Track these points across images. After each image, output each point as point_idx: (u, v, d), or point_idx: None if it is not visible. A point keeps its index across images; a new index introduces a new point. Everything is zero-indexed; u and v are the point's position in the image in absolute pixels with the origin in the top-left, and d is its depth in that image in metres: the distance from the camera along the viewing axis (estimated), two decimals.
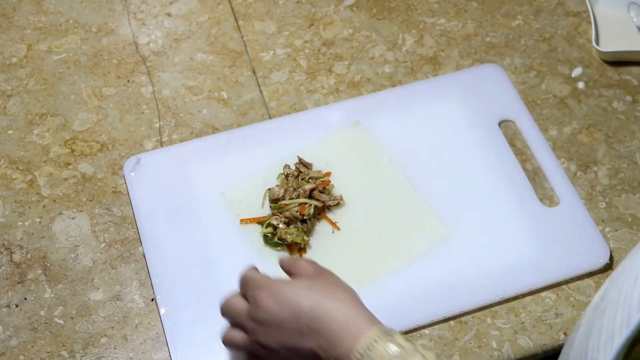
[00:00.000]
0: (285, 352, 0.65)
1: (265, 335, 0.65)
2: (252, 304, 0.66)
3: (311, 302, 0.63)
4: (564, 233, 0.83)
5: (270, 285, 0.66)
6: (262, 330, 0.65)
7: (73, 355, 0.76)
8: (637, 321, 0.49)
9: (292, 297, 0.64)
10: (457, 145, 0.89)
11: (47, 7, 1.01)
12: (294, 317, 0.63)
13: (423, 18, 1.01)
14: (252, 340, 0.66)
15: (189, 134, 0.90)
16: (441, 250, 0.81)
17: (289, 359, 0.65)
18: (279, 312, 0.64)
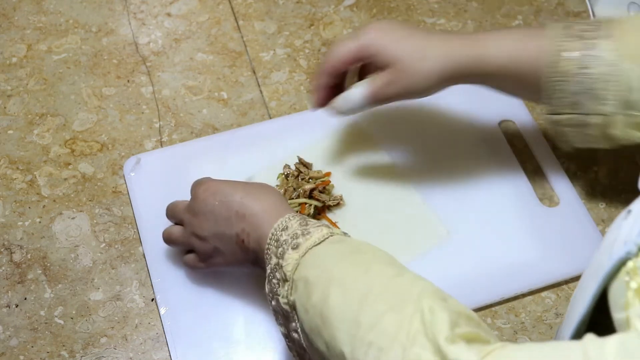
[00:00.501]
0: (214, 239, 0.71)
1: (198, 225, 0.72)
2: (192, 198, 0.73)
3: (242, 193, 0.70)
4: (564, 233, 0.83)
5: (210, 181, 0.73)
6: (196, 220, 0.72)
7: (73, 355, 0.76)
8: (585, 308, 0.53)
9: (227, 190, 0.71)
10: (457, 145, 0.89)
11: (47, 7, 1.01)
12: (225, 206, 0.70)
13: (423, 18, 1.01)
14: (187, 232, 0.74)
15: (189, 134, 0.90)
16: (441, 250, 0.81)
17: (217, 247, 0.72)
18: (212, 202, 0.71)
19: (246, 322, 0.77)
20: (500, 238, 0.82)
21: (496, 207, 0.85)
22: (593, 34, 0.70)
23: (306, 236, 0.64)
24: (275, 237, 0.66)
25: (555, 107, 0.72)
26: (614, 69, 0.68)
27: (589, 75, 0.69)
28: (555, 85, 0.71)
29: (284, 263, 0.63)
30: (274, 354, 0.75)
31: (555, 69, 0.70)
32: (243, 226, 0.69)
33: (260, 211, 0.68)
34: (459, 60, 0.72)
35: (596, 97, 0.70)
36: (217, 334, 0.76)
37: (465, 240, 0.82)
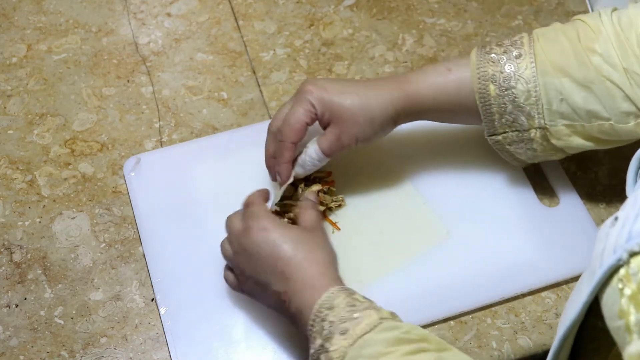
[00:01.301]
0: (255, 283, 0.71)
1: (244, 261, 0.72)
2: (244, 230, 0.72)
3: (291, 253, 0.69)
4: (564, 233, 0.83)
5: (265, 221, 0.71)
6: (243, 256, 0.71)
7: (73, 355, 0.76)
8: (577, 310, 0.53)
9: (278, 242, 0.70)
10: (457, 146, 0.89)
11: (47, 7, 1.01)
12: (273, 260, 0.69)
13: (423, 18, 1.01)
14: (233, 259, 0.73)
15: (189, 134, 0.90)
16: (441, 250, 0.81)
17: (255, 289, 0.72)
18: (263, 249, 0.70)
19: (246, 322, 0.77)
20: (500, 238, 0.82)
21: (496, 207, 0.85)
22: (514, 54, 0.75)
23: (355, 321, 0.63)
24: (320, 317, 0.65)
25: (495, 128, 0.77)
26: (533, 85, 0.73)
27: (515, 94, 0.74)
28: (488, 109, 0.76)
29: (330, 348, 0.63)
30: (274, 354, 0.75)
31: (484, 93, 0.75)
32: (286, 289, 0.68)
33: (305, 279, 0.68)
34: (396, 104, 0.76)
35: (527, 112, 0.75)
36: (217, 334, 0.76)
37: (465, 240, 0.82)
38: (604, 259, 0.52)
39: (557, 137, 0.76)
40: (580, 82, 0.73)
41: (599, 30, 0.73)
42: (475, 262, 0.80)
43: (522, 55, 0.75)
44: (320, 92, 0.75)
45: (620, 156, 0.89)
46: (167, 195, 0.85)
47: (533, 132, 0.76)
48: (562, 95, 0.74)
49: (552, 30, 0.76)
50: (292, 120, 0.75)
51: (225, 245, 0.75)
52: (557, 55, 0.74)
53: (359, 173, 0.86)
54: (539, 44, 0.75)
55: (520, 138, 0.77)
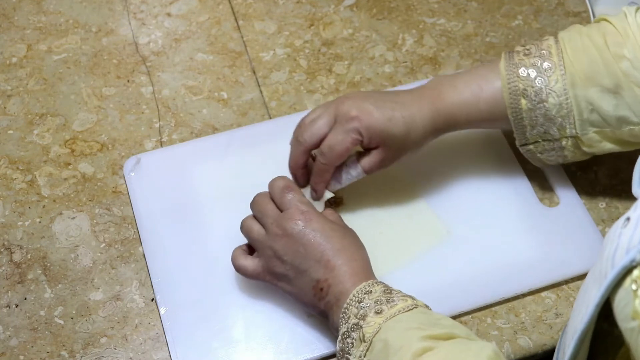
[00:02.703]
0: (293, 269, 0.71)
1: (283, 246, 0.72)
2: (286, 215, 0.73)
3: (340, 245, 0.71)
4: (564, 233, 0.83)
5: (312, 211, 0.73)
6: (283, 240, 0.72)
7: (73, 355, 0.76)
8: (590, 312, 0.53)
9: (327, 233, 0.71)
10: (457, 145, 0.89)
11: (47, 7, 1.01)
12: (320, 249, 0.70)
13: (423, 18, 1.01)
14: (268, 242, 0.73)
15: (189, 134, 0.90)
16: (441, 250, 0.81)
17: (290, 276, 0.72)
18: (309, 237, 0.71)
19: (246, 322, 0.77)
20: (500, 238, 0.82)
21: (496, 207, 0.85)
22: (544, 66, 0.75)
23: (391, 303, 0.66)
24: (357, 298, 0.67)
25: (527, 139, 0.79)
26: (564, 98, 0.74)
27: (547, 107, 0.75)
28: (520, 122, 0.77)
29: (364, 325, 0.65)
30: (274, 354, 0.75)
31: (516, 107, 0.76)
32: (328, 277, 0.70)
33: (349, 270, 0.70)
34: (434, 122, 0.78)
35: (559, 124, 0.76)
36: (217, 334, 0.76)
37: (465, 240, 0.82)
38: (616, 260, 0.51)
39: (589, 145, 0.77)
40: (610, 89, 0.73)
41: (626, 34, 0.73)
42: (475, 262, 0.80)
43: (551, 67, 0.75)
44: (367, 120, 0.75)
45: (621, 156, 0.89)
46: (167, 195, 0.85)
47: (565, 141, 0.78)
48: (592, 105, 0.74)
49: (578, 35, 0.76)
50: (339, 148, 0.75)
51: (254, 226, 0.75)
52: (586, 65, 0.74)
53: None
54: (567, 54, 0.75)
55: (552, 147, 0.79)
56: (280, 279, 0.73)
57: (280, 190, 0.75)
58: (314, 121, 0.77)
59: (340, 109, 0.76)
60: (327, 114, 0.76)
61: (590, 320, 0.54)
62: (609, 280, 0.51)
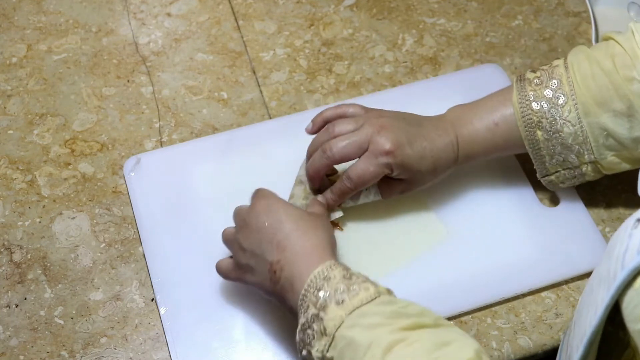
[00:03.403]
0: (252, 257, 0.71)
1: (244, 235, 0.72)
2: (249, 207, 0.73)
3: (292, 226, 0.69)
4: (564, 233, 0.83)
5: (271, 198, 0.73)
6: (245, 230, 0.72)
7: (73, 355, 0.76)
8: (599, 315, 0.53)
9: (281, 215, 0.70)
10: None
11: (47, 7, 1.01)
12: (272, 231, 0.70)
13: (423, 18, 1.01)
14: (235, 236, 0.73)
15: (189, 134, 0.90)
16: (441, 250, 0.81)
17: (251, 265, 0.71)
18: (264, 220, 0.70)
19: (246, 322, 0.77)
20: (500, 238, 0.82)
21: (496, 207, 0.85)
22: (558, 100, 0.76)
23: (351, 292, 0.63)
24: (315, 284, 0.65)
25: (547, 169, 0.79)
26: (578, 127, 0.75)
27: (563, 137, 0.76)
28: (538, 152, 0.78)
29: (325, 317, 0.63)
30: (274, 354, 0.75)
31: (532, 139, 0.77)
32: (280, 258, 0.68)
33: (301, 250, 0.68)
34: (456, 159, 0.79)
35: (576, 151, 0.77)
36: (217, 334, 0.76)
37: (466, 240, 0.82)
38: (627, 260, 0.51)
39: (609, 168, 0.78)
40: (622, 112, 0.74)
41: (635, 54, 0.73)
42: (475, 262, 0.80)
43: (563, 98, 0.76)
44: (401, 157, 0.75)
45: None
46: (167, 195, 0.85)
47: (585, 167, 0.78)
48: (606, 131, 0.75)
49: (586, 62, 0.76)
50: (368, 178, 0.76)
51: (228, 229, 0.76)
52: (596, 92, 0.74)
53: None
54: (577, 83, 0.75)
55: (573, 175, 0.79)
56: (246, 270, 0.72)
57: (254, 192, 0.75)
58: (345, 140, 0.76)
59: (375, 139, 0.75)
60: (360, 137, 0.76)
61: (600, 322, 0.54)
62: (619, 281, 0.51)
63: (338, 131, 0.77)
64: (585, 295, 0.60)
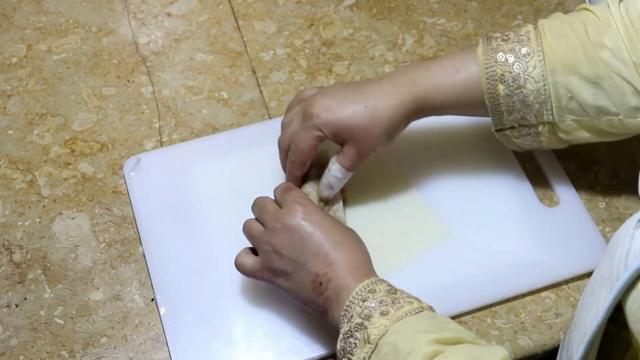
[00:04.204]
0: (291, 264, 0.70)
1: (281, 239, 0.71)
2: (285, 209, 0.72)
3: (340, 239, 0.70)
4: (564, 233, 0.83)
5: (311, 205, 0.72)
6: (281, 234, 0.71)
7: (73, 355, 0.76)
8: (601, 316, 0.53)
9: (327, 227, 0.70)
10: (457, 145, 0.89)
11: (47, 7, 1.01)
12: (319, 242, 0.69)
13: (423, 18, 1.01)
14: (266, 237, 0.72)
15: (189, 134, 0.90)
16: (441, 250, 0.81)
17: (289, 272, 0.70)
18: (308, 231, 0.70)
19: (246, 322, 0.77)
20: (500, 238, 0.82)
21: (496, 207, 0.85)
22: (523, 51, 0.74)
23: (397, 305, 0.65)
24: (361, 296, 0.66)
25: (503, 124, 0.78)
26: (542, 84, 0.73)
27: (524, 93, 0.74)
28: (497, 107, 0.76)
29: (369, 325, 0.64)
30: (274, 354, 0.75)
31: (493, 93, 0.75)
32: (327, 270, 0.68)
33: (348, 264, 0.68)
34: (406, 107, 0.76)
35: (536, 110, 0.75)
36: (217, 334, 0.76)
37: (465, 240, 0.82)
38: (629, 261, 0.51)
39: (565, 132, 0.76)
40: (589, 78, 0.72)
41: (608, 23, 0.72)
42: (475, 262, 0.80)
43: (530, 53, 0.74)
44: (327, 115, 0.75)
45: (620, 156, 0.89)
46: (167, 195, 0.85)
47: (541, 127, 0.77)
48: (571, 93, 0.73)
49: (558, 22, 0.75)
50: (302, 145, 0.76)
51: (254, 225, 0.74)
52: (565, 51, 0.73)
53: (358, 173, 0.86)
54: (546, 40, 0.74)
55: (528, 132, 0.78)
56: (279, 274, 0.72)
57: (282, 189, 0.75)
58: (287, 124, 0.79)
59: (304, 110, 0.76)
60: (297, 113, 0.78)
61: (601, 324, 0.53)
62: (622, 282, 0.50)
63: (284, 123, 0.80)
64: (586, 296, 0.60)
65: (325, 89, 0.79)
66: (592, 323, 0.54)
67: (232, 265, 0.79)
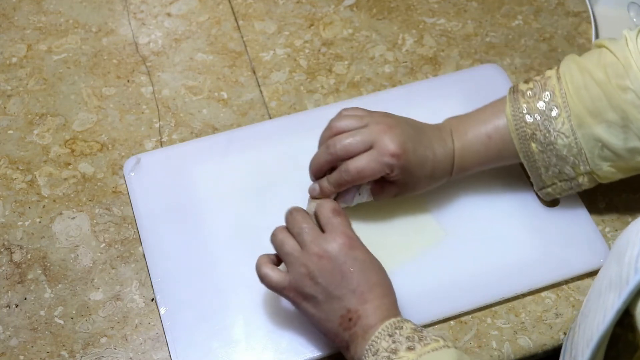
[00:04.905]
0: (324, 292, 0.69)
1: (320, 267, 0.69)
2: (330, 236, 0.70)
3: (376, 280, 0.70)
4: (564, 233, 0.83)
5: (357, 240, 0.71)
6: (322, 261, 0.69)
7: (73, 355, 0.76)
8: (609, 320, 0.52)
9: (367, 265, 0.70)
10: None
11: (47, 7, 1.01)
12: (358, 279, 0.69)
13: (423, 18, 1.01)
14: (303, 259, 0.70)
15: (189, 134, 0.90)
16: (441, 250, 0.81)
17: (316, 297, 0.69)
18: (349, 264, 0.69)
19: (246, 322, 0.77)
20: (499, 238, 0.82)
21: (495, 207, 0.85)
22: (551, 113, 0.75)
23: (423, 342, 0.65)
24: (387, 332, 0.66)
25: (544, 181, 0.79)
26: (572, 138, 0.75)
27: (557, 149, 0.76)
28: (534, 164, 0.78)
29: (395, 359, 0.64)
30: (274, 354, 0.75)
31: (527, 152, 0.77)
32: (359, 308, 0.68)
33: (381, 306, 0.69)
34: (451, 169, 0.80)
35: (572, 162, 0.76)
36: (217, 334, 0.76)
37: (465, 240, 0.82)
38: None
39: (605, 177, 0.78)
40: (617, 123, 0.73)
41: (628, 63, 0.72)
42: (475, 262, 0.80)
43: (556, 109, 0.75)
44: (405, 160, 0.75)
45: None
46: (167, 195, 0.85)
47: (581, 178, 0.78)
48: (601, 142, 0.75)
49: (578, 73, 0.75)
50: (367, 174, 0.76)
51: (289, 240, 0.72)
52: (590, 103, 0.74)
53: None
54: (570, 93, 0.75)
55: (570, 186, 0.79)
56: (307, 299, 0.70)
57: (329, 211, 0.73)
58: (350, 136, 0.76)
59: (380, 138, 0.75)
60: (365, 136, 0.76)
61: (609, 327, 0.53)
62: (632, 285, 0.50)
63: (340, 127, 0.78)
64: (592, 299, 0.59)
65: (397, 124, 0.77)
66: (599, 327, 0.54)
67: (232, 265, 0.79)
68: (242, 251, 0.81)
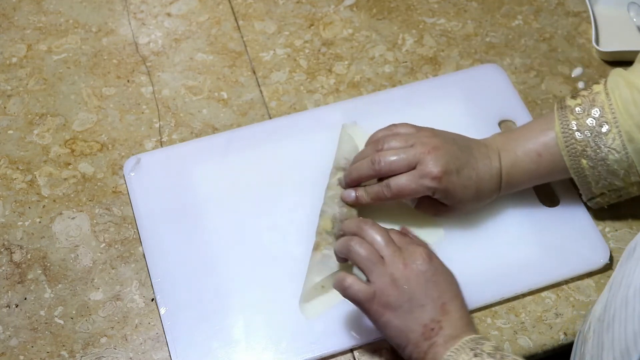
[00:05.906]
0: (407, 300, 0.69)
1: (406, 275, 0.70)
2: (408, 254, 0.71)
3: (456, 293, 0.71)
4: (564, 233, 0.83)
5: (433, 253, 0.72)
6: (405, 270, 0.70)
7: (73, 355, 0.76)
8: None
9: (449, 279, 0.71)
10: None
11: (47, 7, 1.01)
12: (440, 289, 0.70)
13: (423, 18, 1.01)
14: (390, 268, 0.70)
15: (189, 134, 0.90)
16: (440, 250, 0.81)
17: (401, 305, 0.69)
18: (431, 274, 0.70)
19: (246, 322, 0.77)
20: (499, 238, 0.82)
21: (495, 207, 0.84)
22: (602, 129, 0.76)
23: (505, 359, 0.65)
24: (469, 346, 0.66)
25: (593, 193, 0.80)
26: (623, 153, 0.75)
27: (607, 164, 0.76)
28: (584, 179, 0.78)
29: None
30: (274, 354, 0.75)
31: (577, 168, 0.77)
32: (441, 319, 0.69)
33: (462, 317, 0.70)
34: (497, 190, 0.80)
35: (622, 174, 0.77)
36: (217, 334, 0.76)
37: (465, 240, 0.82)
38: None
39: None
40: None
41: None
42: (475, 262, 0.80)
43: (606, 125, 0.76)
44: (446, 184, 0.76)
45: None
46: (167, 195, 0.85)
47: (631, 188, 0.79)
48: None
49: (626, 88, 0.76)
50: (407, 193, 0.77)
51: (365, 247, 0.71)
52: (638, 116, 0.74)
53: None
54: (620, 110, 0.75)
55: (619, 195, 0.80)
56: (391, 309, 0.70)
57: (399, 235, 0.74)
58: (395, 155, 0.77)
59: (424, 159, 0.76)
60: (410, 155, 0.77)
61: None
62: None
63: (388, 147, 0.78)
64: (618, 307, 0.59)
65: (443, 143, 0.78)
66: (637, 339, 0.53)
67: (232, 265, 0.79)
68: (242, 251, 0.81)
